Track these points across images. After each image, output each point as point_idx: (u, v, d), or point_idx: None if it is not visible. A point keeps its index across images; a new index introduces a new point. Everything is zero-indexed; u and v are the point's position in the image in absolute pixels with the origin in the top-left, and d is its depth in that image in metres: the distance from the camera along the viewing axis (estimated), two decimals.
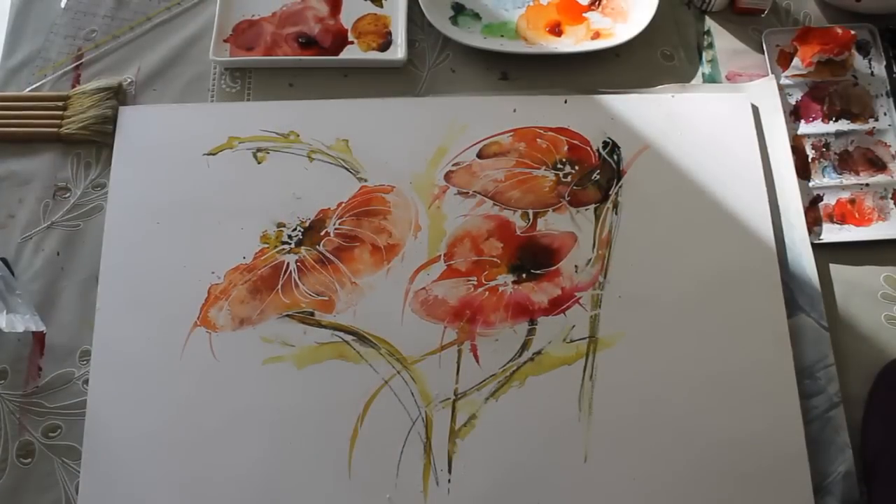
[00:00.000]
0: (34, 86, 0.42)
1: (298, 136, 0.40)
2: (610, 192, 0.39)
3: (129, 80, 0.42)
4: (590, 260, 0.37)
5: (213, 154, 0.39)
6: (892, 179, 0.39)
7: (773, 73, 0.42)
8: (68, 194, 0.39)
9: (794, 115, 0.41)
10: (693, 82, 0.42)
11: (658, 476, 0.33)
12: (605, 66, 0.42)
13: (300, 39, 0.42)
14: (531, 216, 0.38)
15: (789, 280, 0.37)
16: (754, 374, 0.35)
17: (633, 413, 0.34)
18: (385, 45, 0.42)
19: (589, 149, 0.40)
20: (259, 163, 0.39)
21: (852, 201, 0.39)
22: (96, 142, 0.40)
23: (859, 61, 0.42)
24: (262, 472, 0.33)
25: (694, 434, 0.34)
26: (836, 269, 0.38)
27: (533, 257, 0.37)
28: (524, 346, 0.36)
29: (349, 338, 0.36)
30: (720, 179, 0.39)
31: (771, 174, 0.40)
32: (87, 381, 0.35)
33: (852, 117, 0.41)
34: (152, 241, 0.38)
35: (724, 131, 0.40)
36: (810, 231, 0.38)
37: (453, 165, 0.39)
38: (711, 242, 0.38)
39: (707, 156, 0.39)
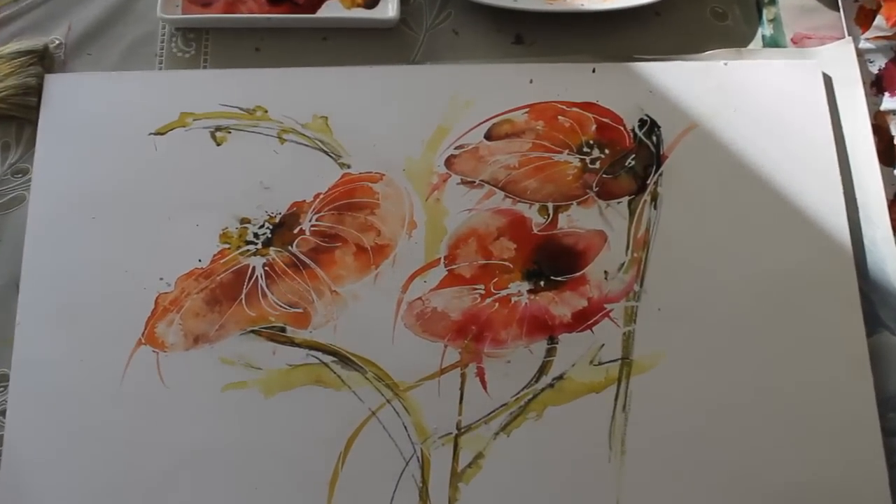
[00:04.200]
0: None
1: (266, 112, 0.39)
2: (648, 182, 0.38)
3: (56, 42, 0.41)
4: (623, 264, 0.37)
5: (162, 133, 0.39)
6: None
7: (850, 34, 0.41)
8: None
9: (877, 86, 0.41)
10: (751, 47, 0.42)
11: None
12: (642, 26, 0.42)
13: None
14: (551, 211, 0.38)
15: (869, 290, 0.37)
16: (825, 405, 0.34)
17: (675, 453, 0.34)
18: (372, 0, 0.41)
19: (622, 128, 0.39)
20: (218, 144, 0.39)
21: None
22: (16, 117, 0.39)
23: None
24: None
25: (749, 479, 0.34)
26: None
27: (553, 261, 0.37)
28: (542, 370, 0.35)
29: (328, 359, 0.35)
30: (783, 166, 0.38)
31: (847, 159, 0.39)
32: (3, 413, 0.35)
33: None
34: (86, 239, 0.37)
35: (788, 107, 0.39)
36: (895, 229, 0.37)
37: (456, 149, 0.39)
38: (772, 244, 0.37)
39: (768, 137, 0.39)
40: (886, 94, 0.40)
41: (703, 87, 0.39)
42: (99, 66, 0.41)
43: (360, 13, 0.41)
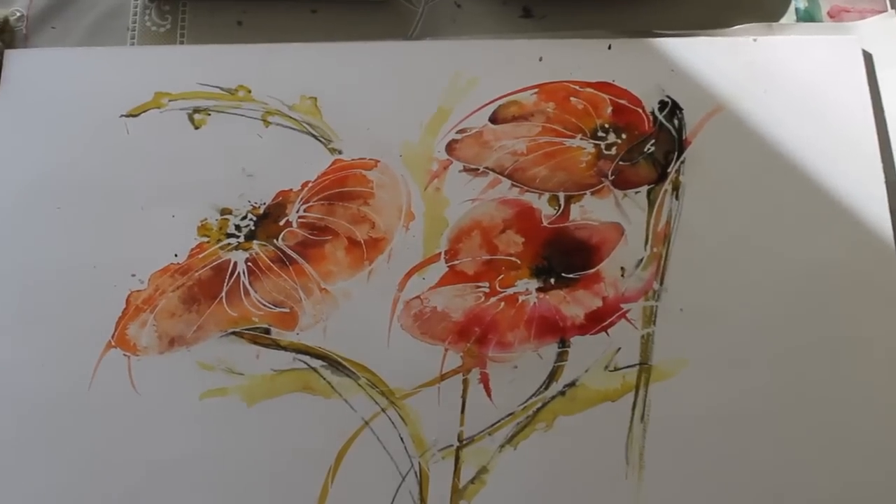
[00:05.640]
0: None
1: (249, 92, 0.38)
2: (669, 170, 0.37)
3: (17, 14, 0.40)
4: (641, 260, 0.36)
5: (134, 115, 0.38)
6: None
7: (892, 8, 0.40)
8: None
9: None
10: (783, 21, 0.40)
11: None
12: None
13: None
14: (562, 201, 0.37)
15: None
16: (866, 414, 0.33)
17: (698, 467, 0.33)
18: None
19: (641, 111, 0.38)
20: (196, 128, 0.38)
21: None
22: None
23: None
24: None
25: (781, 496, 0.32)
26: None
27: (564, 256, 0.36)
28: (552, 376, 0.34)
29: (317, 363, 0.34)
30: (819, 152, 0.37)
31: (889, 145, 0.38)
32: None
33: None
34: (50, 232, 0.36)
35: (824, 87, 0.38)
36: None
37: (458, 133, 0.38)
38: (806, 237, 0.36)
39: (801, 120, 0.37)
40: None
41: (730, 65, 0.38)
42: (64, 41, 0.40)
43: None
